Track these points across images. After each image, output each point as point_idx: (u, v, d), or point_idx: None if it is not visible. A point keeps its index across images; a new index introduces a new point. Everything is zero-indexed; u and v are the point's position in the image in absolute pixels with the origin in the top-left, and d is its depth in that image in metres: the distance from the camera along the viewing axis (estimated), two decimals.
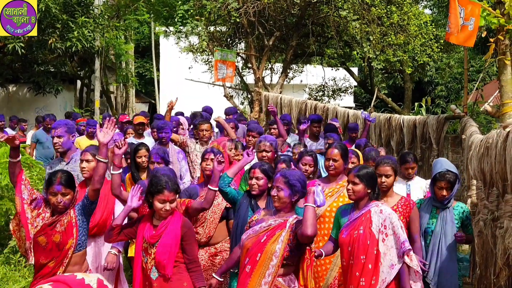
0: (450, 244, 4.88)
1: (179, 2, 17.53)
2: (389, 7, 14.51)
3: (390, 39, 14.50)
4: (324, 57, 16.92)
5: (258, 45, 16.29)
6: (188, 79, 18.31)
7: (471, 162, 6.02)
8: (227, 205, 5.53)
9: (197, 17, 15.77)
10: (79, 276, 3.45)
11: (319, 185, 4.15)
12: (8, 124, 13.55)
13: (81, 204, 4.36)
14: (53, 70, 18.37)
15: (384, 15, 14.48)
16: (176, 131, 8.06)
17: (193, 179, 7.36)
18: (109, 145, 4.49)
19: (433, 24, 16.59)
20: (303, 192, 4.18)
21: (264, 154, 6.17)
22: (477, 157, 5.68)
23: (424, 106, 15.68)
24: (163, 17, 24.30)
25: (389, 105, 19.60)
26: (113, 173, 4.59)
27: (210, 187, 4.96)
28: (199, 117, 9.30)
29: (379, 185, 4.77)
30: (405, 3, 14.79)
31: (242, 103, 19.10)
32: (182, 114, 10.37)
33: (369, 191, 4.42)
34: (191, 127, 8.98)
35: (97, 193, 4.37)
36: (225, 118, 9.95)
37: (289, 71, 17.76)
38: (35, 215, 4.30)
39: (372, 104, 14.99)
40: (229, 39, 16.73)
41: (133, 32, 25.48)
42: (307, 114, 12.12)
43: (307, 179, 5.52)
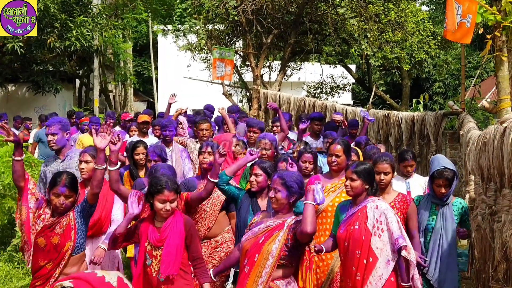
0: (450, 240, 4.89)
1: (177, 0, 17.52)
2: (386, 4, 14.53)
3: (387, 36, 14.53)
4: (322, 54, 16.91)
5: (256, 43, 16.30)
6: (186, 77, 18.31)
7: (469, 157, 6.05)
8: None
9: (195, 16, 15.80)
10: (99, 273, 3.49)
11: (319, 183, 4.15)
12: (12, 124, 13.51)
13: (80, 207, 4.35)
14: (52, 69, 18.34)
15: (381, 12, 14.51)
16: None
17: None
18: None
19: (431, 21, 16.63)
20: (301, 193, 4.18)
21: (264, 152, 6.16)
22: (475, 153, 5.71)
23: (422, 102, 15.74)
24: (161, 15, 24.31)
25: (387, 102, 19.62)
26: (110, 169, 4.56)
27: (210, 179, 4.96)
28: (201, 115, 9.32)
29: (377, 183, 4.79)
30: (402, 0, 14.83)
31: (240, 101, 19.12)
32: (184, 112, 10.32)
33: (366, 187, 4.43)
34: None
35: (96, 197, 4.36)
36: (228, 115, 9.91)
37: (287, 69, 17.77)
38: (36, 216, 4.29)
39: (370, 101, 15.04)
40: (227, 37, 16.76)
41: (131, 31, 25.48)
42: (306, 111, 12.16)
43: (307, 176, 5.59)
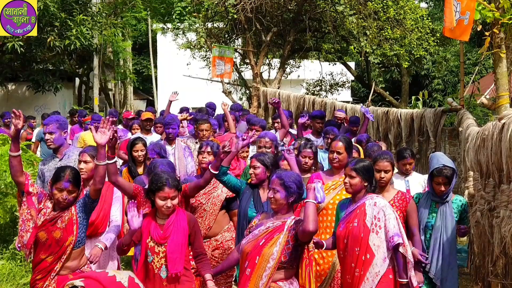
0: (450, 238, 4.90)
1: None
2: (385, 1, 14.56)
3: (386, 34, 14.57)
4: (321, 52, 16.96)
5: (255, 41, 16.34)
6: (186, 75, 18.34)
7: (468, 154, 6.09)
8: (227, 196, 5.56)
9: (194, 14, 15.84)
10: (110, 273, 3.51)
11: (319, 181, 4.17)
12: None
13: (82, 201, 4.38)
14: (52, 68, 18.38)
15: (380, 10, 14.55)
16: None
17: None
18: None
19: (429, 18, 16.66)
20: (299, 193, 4.18)
21: (264, 150, 6.13)
22: (474, 149, 5.75)
23: (421, 99, 15.77)
24: (160, 14, 24.33)
25: (386, 99, 19.66)
26: (108, 162, 4.52)
27: (210, 170, 5.00)
28: (204, 113, 9.34)
29: (378, 181, 4.82)
30: None
31: (240, 99, 19.15)
32: (187, 109, 10.26)
33: (365, 184, 4.43)
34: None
35: (99, 192, 4.39)
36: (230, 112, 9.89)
37: (286, 66, 17.80)
38: (37, 209, 4.27)
39: (369, 98, 15.04)
40: (226, 35, 16.79)
41: (130, 29, 25.51)
42: (306, 109, 12.19)
43: (309, 172, 5.61)
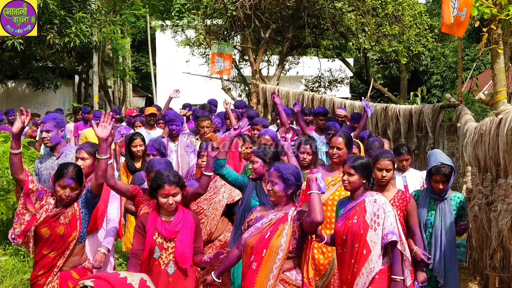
0: (450, 235, 4.95)
1: None
2: None
3: (385, 30, 14.63)
4: (320, 48, 17.00)
5: (254, 38, 16.39)
6: (185, 72, 18.37)
7: (466, 149, 6.16)
8: (228, 203, 5.55)
9: (193, 11, 15.88)
10: (122, 274, 3.52)
11: (318, 171, 4.19)
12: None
13: (84, 197, 4.37)
14: (51, 65, 18.41)
15: (378, 6, 14.61)
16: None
17: None
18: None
19: (428, 14, 16.71)
20: (298, 185, 4.18)
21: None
22: (472, 144, 5.82)
23: (419, 95, 15.82)
24: (159, 11, 24.34)
25: (385, 95, 19.72)
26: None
27: (204, 173, 4.92)
28: (207, 110, 9.37)
29: (379, 179, 4.83)
30: None
31: (239, 96, 19.18)
32: (189, 106, 10.27)
33: (364, 181, 4.43)
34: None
35: (101, 187, 4.38)
36: (233, 110, 9.86)
37: (285, 63, 17.86)
38: (38, 206, 4.26)
39: (368, 94, 15.09)
40: (225, 32, 16.84)
41: (129, 26, 25.53)
42: (305, 105, 12.23)
43: (308, 168, 5.62)
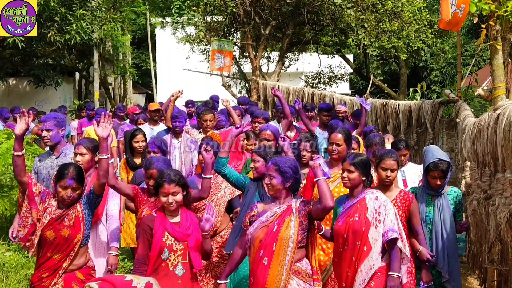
0: (450, 230, 4.98)
1: None
2: None
3: (384, 26, 14.66)
4: (319, 45, 17.04)
5: (254, 35, 16.43)
6: (185, 69, 18.42)
7: (464, 144, 6.22)
8: (230, 198, 5.57)
9: (194, 8, 15.93)
10: (128, 277, 3.56)
11: (319, 157, 4.22)
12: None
13: (86, 198, 4.32)
14: (52, 63, 18.44)
15: (378, 2, 14.64)
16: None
17: None
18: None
19: (427, 10, 16.74)
20: (295, 177, 4.18)
21: (265, 143, 6.07)
22: (470, 139, 5.88)
23: (419, 91, 15.88)
24: (159, 8, 24.37)
25: (385, 91, 19.76)
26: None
27: (203, 176, 4.93)
28: (210, 106, 9.42)
29: (383, 179, 4.85)
30: None
31: (240, 92, 19.24)
32: (192, 103, 10.29)
33: (363, 178, 4.45)
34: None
35: (103, 187, 4.37)
36: (236, 106, 9.88)
37: (285, 60, 17.88)
38: (42, 209, 4.24)
39: (368, 90, 15.14)
40: (226, 29, 16.88)
41: (129, 23, 25.56)
42: (305, 101, 12.29)
43: (306, 164, 5.62)
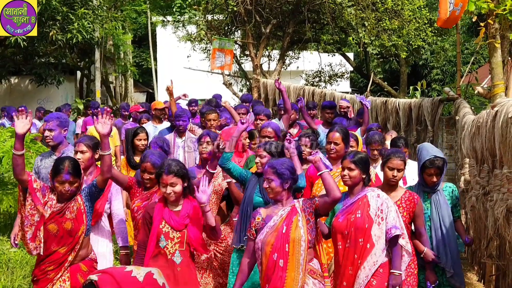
0: (449, 226, 5.01)
1: None
2: None
3: (384, 24, 14.73)
4: (320, 43, 17.09)
5: (255, 33, 16.49)
6: (186, 67, 18.48)
7: (463, 141, 6.29)
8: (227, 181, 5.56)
9: (195, 7, 15.99)
10: (128, 268, 3.64)
11: (317, 151, 4.27)
12: (34, 115, 13.49)
13: (88, 191, 4.39)
14: (54, 61, 18.51)
15: (378, 1, 14.71)
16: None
17: None
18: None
19: (427, 8, 16.79)
20: (293, 178, 4.21)
21: (267, 140, 6.00)
22: (469, 136, 5.95)
23: (419, 89, 15.93)
24: (160, 7, 24.43)
25: (385, 89, 19.81)
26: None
27: (208, 169, 5.01)
28: (213, 104, 9.48)
29: (389, 179, 4.85)
30: None
31: (241, 90, 19.29)
32: (195, 102, 10.33)
33: (364, 176, 4.46)
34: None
35: (106, 182, 4.47)
36: (241, 104, 9.84)
37: (286, 58, 17.95)
38: (42, 203, 4.29)
39: (368, 88, 15.19)
40: (226, 28, 16.94)
41: (130, 22, 25.61)
42: (305, 99, 12.36)
43: (305, 160, 5.67)
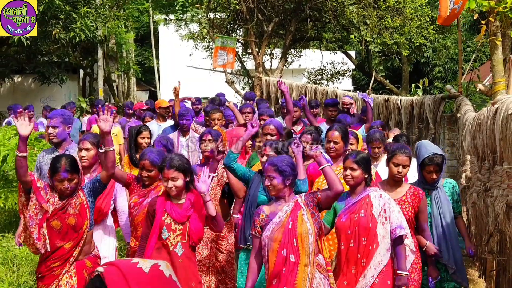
0: (450, 223, 5.00)
1: None
2: None
3: (386, 22, 14.76)
4: (322, 41, 17.13)
5: (257, 31, 16.54)
6: (189, 66, 18.53)
7: (465, 138, 6.32)
8: (227, 181, 5.59)
9: (197, 5, 16.04)
10: (134, 260, 3.71)
11: (317, 146, 4.32)
12: (42, 114, 13.36)
13: (91, 186, 4.44)
14: (57, 60, 18.57)
15: None
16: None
17: None
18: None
19: (429, 6, 16.82)
20: (294, 174, 4.24)
21: (268, 138, 6.11)
22: (470, 133, 5.98)
23: (421, 87, 15.96)
24: (162, 5, 24.48)
25: (387, 87, 19.84)
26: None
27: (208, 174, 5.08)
28: (217, 103, 9.53)
29: (394, 175, 4.87)
30: None
31: (243, 89, 19.36)
32: (199, 100, 10.35)
33: (366, 176, 4.47)
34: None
35: (110, 177, 4.53)
36: (246, 103, 9.88)
37: (288, 56, 18.00)
38: (45, 200, 4.34)
39: (370, 86, 15.22)
40: (229, 26, 16.99)
41: (132, 21, 25.67)
42: (308, 98, 12.39)
43: (307, 156, 5.70)
